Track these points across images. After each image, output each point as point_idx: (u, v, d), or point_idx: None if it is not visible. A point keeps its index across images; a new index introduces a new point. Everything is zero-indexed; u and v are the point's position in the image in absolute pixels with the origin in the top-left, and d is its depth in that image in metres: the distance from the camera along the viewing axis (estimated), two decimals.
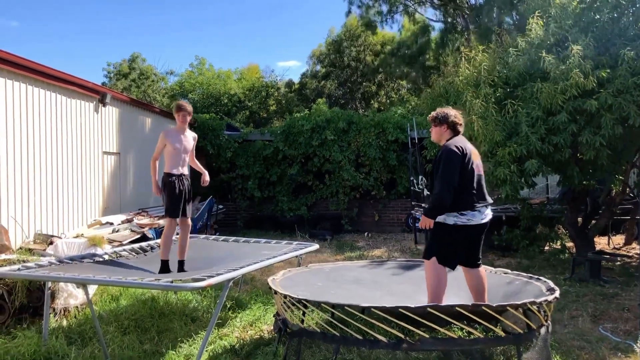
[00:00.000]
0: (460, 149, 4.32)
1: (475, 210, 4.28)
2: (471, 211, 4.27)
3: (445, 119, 4.53)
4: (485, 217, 4.35)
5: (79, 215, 9.61)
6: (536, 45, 7.63)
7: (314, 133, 14.30)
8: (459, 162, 4.26)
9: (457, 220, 4.28)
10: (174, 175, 5.81)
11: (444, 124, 4.54)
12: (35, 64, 8.16)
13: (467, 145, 4.42)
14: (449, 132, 4.54)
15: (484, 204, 4.34)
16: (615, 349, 4.77)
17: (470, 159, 4.32)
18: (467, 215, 4.27)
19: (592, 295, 6.70)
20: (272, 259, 5.73)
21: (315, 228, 13.82)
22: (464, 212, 4.27)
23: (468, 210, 4.27)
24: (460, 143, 4.39)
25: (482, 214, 4.32)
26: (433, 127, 4.64)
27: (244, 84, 23.02)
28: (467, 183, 4.28)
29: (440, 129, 4.58)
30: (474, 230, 4.33)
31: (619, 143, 7.24)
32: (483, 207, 4.33)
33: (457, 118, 4.55)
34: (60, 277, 4.87)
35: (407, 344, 3.76)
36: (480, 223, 4.31)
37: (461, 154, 4.29)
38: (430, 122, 4.68)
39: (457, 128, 4.55)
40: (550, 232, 9.38)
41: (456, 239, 4.34)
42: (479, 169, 4.42)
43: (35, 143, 8.37)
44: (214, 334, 5.21)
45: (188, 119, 5.92)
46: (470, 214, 4.27)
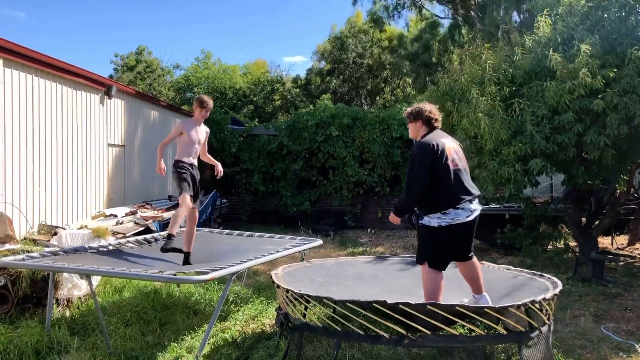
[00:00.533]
0: (433, 145, 4.19)
1: (458, 208, 4.15)
2: (453, 209, 4.14)
3: (419, 114, 4.43)
4: (471, 213, 4.20)
5: (83, 207, 9.65)
6: (543, 44, 7.60)
7: (319, 129, 14.30)
8: (429, 159, 4.14)
9: (441, 221, 4.16)
10: (185, 162, 5.87)
11: (418, 119, 4.44)
12: (42, 56, 8.18)
13: (441, 140, 4.28)
14: (424, 127, 4.43)
15: (466, 200, 4.18)
16: (616, 349, 4.77)
17: (444, 154, 4.18)
18: (449, 214, 4.15)
19: (594, 295, 6.69)
20: (276, 253, 5.75)
21: (319, 223, 13.84)
22: (446, 212, 4.15)
23: (450, 208, 4.14)
24: (435, 139, 4.27)
25: (466, 210, 4.18)
26: (409, 123, 4.55)
27: (249, 79, 23.01)
28: (443, 180, 4.16)
29: (415, 125, 4.48)
30: (460, 228, 4.19)
31: (624, 143, 7.21)
32: (466, 202, 4.18)
33: (431, 113, 4.43)
34: (64, 267, 4.90)
35: (409, 339, 3.77)
36: (466, 221, 4.18)
37: (433, 150, 4.17)
38: (406, 118, 4.59)
39: (433, 123, 4.42)
40: (554, 231, 9.36)
41: (443, 240, 4.22)
42: (457, 164, 4.25)
43: (40, 134, 8.40)
44: (216, 327, 5.23)
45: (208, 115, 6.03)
46: (453, 212, 4.15)
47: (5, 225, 6.86)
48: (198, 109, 5.96)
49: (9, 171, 7.66)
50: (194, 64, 23.56)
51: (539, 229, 9.36)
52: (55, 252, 5.66)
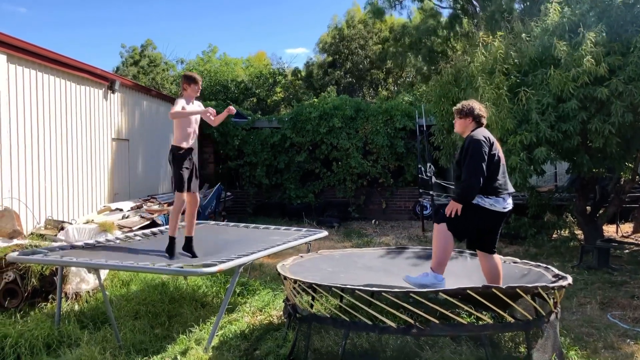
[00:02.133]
0: (487, 138, 4.46)
1: (500, 197, 4.41)
2: (495, 196, 4.39)
3: (471, 111, 4.65)
4: (507, 205, 4.47)
5: (89, 202, 9.69)
6: (550, 31, 7.56)
7: (322, 120, 14.29)
8: (487, 151, 4.39)
9: (480, 202, 4.40)
10: (183, 149, 5.72)
11: (469, 116, 4.66)
12: (46, 51, 8.19)
13: (491, 136, 4.57)
14: (473, 124, 4.66)
15: (507, 192, 4.46)
16: (623, 336, 4.79)
17: (496, 147, 4.48)
18: (490, 199, 4.39)
19: (600, 283, 6.71)
20: (282, 245, 5.77)
21: (323, 215, 13.85)
22: (488, 196, 4.40)
23: (493, 195, 4.39)
24: (486, 133, 4.55)
25: (505, 201, 4.44)
26: (457, 118, 4.76)
27: (251, 71, 22.96)
28: (494, 171, 4.42)
29: (465, 121, 4.69)
30: (493, 215, 4.44)
31: (629, 131, 7.19)
32: (507, 195, 4.46)
33: (481, 111, 4.69)
34: (72, 262, 4.94)
35: (417, 329, 3.80)
36: (500, 210, 4.43)
37: (489, 143, 4.44)
38: (455, 114, 4.79)
39: (482, 120, 4.68)
40: (559, 220, 9.37)
41: (473, 217, 4.43)
42: (503, 159, 4.58)
43: (45, 129, 8.42)
44: (224, 319, 5.25)
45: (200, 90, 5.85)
46: (494, 199, 4.39)
47: (12, 220, 6.90)
48: (189, 86, 5.73)
49: (15, 167, 7.69)
50: (199, 57, 23.53)
51: (543, 218, 9.36)
52: (63, 247, 5.70)
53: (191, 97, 5.78)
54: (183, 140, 5.72)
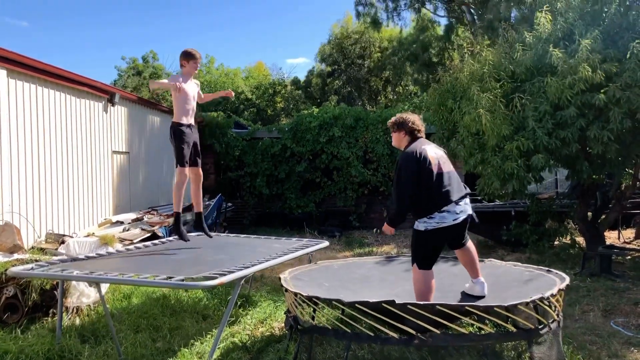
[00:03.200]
0: (415, 153, 4.30)
1: (443, 211, 4.22)
2: (438, 213, 4.22)
3: (403, 124, 4.55)
4: (457, 216, 4.26)
5: (90, 215, 9.69)
6: (544, 39, 7.60)
7: (322, 130, 14.32)
8: (414, 168, 4.25)
9: (427, 225, 4.24)
10: (183, 125, 5.75)
11: (402, 129, 4.56)
12: (45, 65, 8.23)
13: (423, 147, 4.37)
14: (407, 137, 4.55)
15: (451, 202, 4.24)
16: (627, 344, 4.76)
17: (426, 160, 4.27)
18: (435, 218, 4.22)
19: (603, 290, 6.68)
20: (283, 256, 5.75)
21: (324, 225, 13.85)
22: (432, 216, 4.23)
23: (435, 212, 4.22)
24: (417, 147, 4.37)
25: (452, 214, 4.24)
26: (392, 133, 4.67)
27: (251, 82, 23.05)
28: (427, 185, 4.25)
29: (399, 135, 4.59)
30: (447, 231, 4.27)
31: (627, 137, 7.19)
32: (451, 205, 4.24)
33: (414, 124, 4.54)
34: (72, 275, 4.91)
35: (419, 339, 3.77)
36: (452, 224, 4.25)
37: (416, 158, 4.27)
38: (390, 128, 4.70)
39: (415, 134, 4.54)
40: (560, 226, 9.34)
41: (431, 243, 4.32)
42: (441, 168, 4.32)
43: (45, 143, 8.44)
44: (226, 332, 5.23)
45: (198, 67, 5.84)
46: (438, 216, 4.22)
47: (13, 235, 6.90)
48: (188, 62, 5.73)
49: (15, 181, 7.70)
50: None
51: (545, 225, 9.34)
52: (64, 260, 5.68)
53: (190, 74, 5.80)
54: (182, 116, 5.75)
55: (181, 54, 5.83)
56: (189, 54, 5.76)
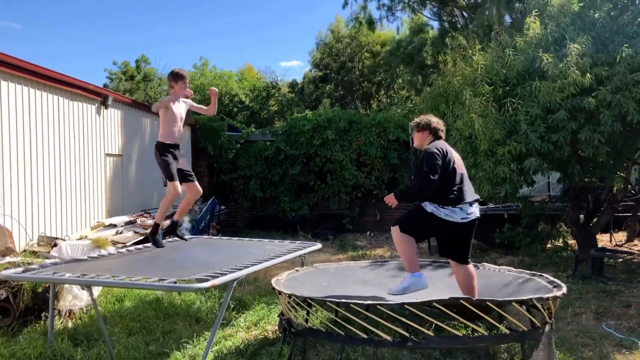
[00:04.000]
0: (441, 149, 4.49)
1: (456, 207, 4.38)
2: (452, 207, 4.38)
3: (428, 125, 4.74)
4: (467, 217, 4.40)
5: (82, 218, 9.64)
6: (534, 44, 7.65)
7: (315, 133, 14.32)
8: (440, 160, 4.40)
9: (435, 211, 4.39)
10: (167, 145, 5.72)
11: (427, 130, 4.74)
12: (37, 67, 8.19)
13: (447, 147, 4.59)
14: (430, 137, 4.73)
15: (466, 202, 4.41)
16: (619, 346, 4.79)
17: (451, 159, 4.48)
18: (446, 210, 4.37)
19: (595, 293, 6.72)
20: (276, 258, 5.75)
21: (318, 228, 13.84)
22: (445, 207, 4.38)
23: (449, 205, 4.38)
24: (442, 146, 4.57)
25: (463, 212, 4.39)
26: (416, 132, 4.82)
27: (244, 85, 23.02)
28: (449, 181, 4.42)
29: (422, 135, 4.76)
30: (450, 226, 4.40)
31: (618, 140, 7.25)
32: (465, 204, 4.40)
33: (439, 125, 4.77)
34: (64, 279, 4.89)
35: (412, 342, 3.79)
36: (457, 221, 4.38)
37: (443, 153, 4.46)
38: (414, 128, 4.86)
39: (439, 134, 4.75)
40: (552, 229, 9.39)
41: (428, 225, 4.46)
42: (462, 169, 4.57)
43: (38, 146, 8.40)
44: (219, 335, 5.23)
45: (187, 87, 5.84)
46: (449, 209, 4.37)
47: (5, 238, 6.86)
48: (176, 83, 5.72)
49: (7, 183, 7.66)
50: (191, 71, 23.56)
51: (537, 228, 9.39)
52: (56, 263, 5.65)
53: (178, 94, 5.78)
54: (167, 137, 5.73)
55: (169, 75, 5.85)
56: (177, 75, 5.77)
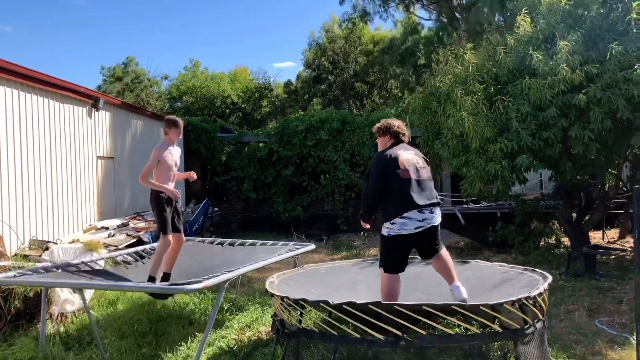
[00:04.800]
0: (386, 155, 4.42)
1: (404, 217, 4.27)
2: (400, 219, 4.28)
3: (388, 129, 4.69)
4: (421, 224, 4.29)
5: (74, 221, 9.58)
6: (525, 42, 7.68)
7: (308, 133, 14.32)
8: (381, 168, 4.37)
9: (390, 231, 4.35)
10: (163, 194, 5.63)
11: (387, 134, 4.70)
12: (28, 70, 8.14)
13: (398, 152, 4.45)
14: (392, 140, 4.67)
15: (414, 209, 4.28)
16: (611, 342, 4.81)
17: (395, 165, 4.34)
18: (396, 224, 4.30)
19: (587, 290, 6.74)
20: (269, 259, 5.74)
21: (311, 228, 13.83)
22: (393, 222, 4.31)
23: (396, 217, 4.29)
24: (391, 151, 4.47)
25: (413, 220, 4.27)
26: (378, 137, 4.79)
27: (237, 86, 23.00)
28: (391, 189, 4.34)
29: (384, 139, 4.72)
30: (408, 240, 4.33)
31: (609, 137, 7.28)
32: (413, 212, 4.27)
33: (399, 128, 4.69)
34: (56, 282, 4.88)
35: (405, 341, 3.78)
36: (413, 233, 4.29)
37: (385, 159, 4.39)
38: (375, 133, 4.83)
39: (400, 137, 4.67)
40: (545, 227, 9.43)
41: (392, 248, 4.41)
42: (409, 175, 4.36)
43: (29, 149, 8.34)
44: (212, 336, 5.21)
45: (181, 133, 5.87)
46: (399, 222, 4.29)
47: None
48: (171, 130, 5.72)
49: None
50: (182, 73, 23.52)
51: (530, 226, 9.43)
52: (47, 268, 5.62)
53: (172, 141, 5.80)
54: (163, 183, 5.65)
55: (164, 121, 5.87)
56: (172, 122, 5.78)
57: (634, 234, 8.59)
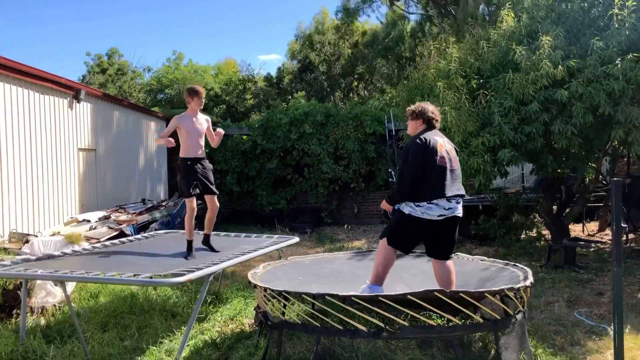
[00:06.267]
0: (425, 140, 4.35)
1: (432, 203, 4.25)
2: (427, 204, 4.26)
3: (422, 113, 4.59)
4: (445, 213, 4.29)
5: (55, 213, 9.48)
6: (508, 36, 7.74)
7: (292, 127, 14.28)
8: (421, 153, 4.30)
9: (412, 211, 4.30)
10: (190, 159, 5.80)
11: (420, 118, 4.60)
12: (8, 61, 8.02)
13: (435, 138, 4.42)
14: (424, 126, 4.59)
15: (443, 197, 4.27)
16: (589, 333, 4.89)
17: (434, 151, 4.32)
18: (422, 207, 4.26)
19: (567, 281, 6.85)
20: (253, 252, 5.74)
21: (295, 221, 13.82)
22: (419, 204, 4.27)
23: (424, 202, 4.26)
24: (429, 135, 4.42)
25: (440, 207, 4.26)
26: (410, 120, 4.69)
27: (220, 78, 22.85)
28: (426, 175, 4.29)
29: (416, 123, 4.63)
30: (428, 224, 4.30)
31: (590, 131, 7.38)
32: (442, 200, 4.27)
33: (434, 114, 4.61)
34: (36, 274, 4.81)
35: (387, 332, 3.81)
36: (434, 219, 4.27)
37: (424, 145, 4.33)
38: (408, 116, 4.73)
39: (433, 123, 4.59)
40: (526, 220, 9.53)
41: (408, 227, 4.37)
42: (445, 162, 4.36)
43: (8, 141, 8.23)
44: (195, 329, 5.20)
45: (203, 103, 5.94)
46: (426, 206, 4.26)
47: None
48: (191, 99, 5.81)
49: None
50: (166, 65, 23.30)
51: (512, 219, 9.52)
52: (27, 260, 5.55)
53: (195, 110, 5.88)
54: (189, 152, 5.83)
55: (186, 90, 5.97)
56: (193, 91, 5.86)
57: (611, 226, 8.77)
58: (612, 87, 6.64)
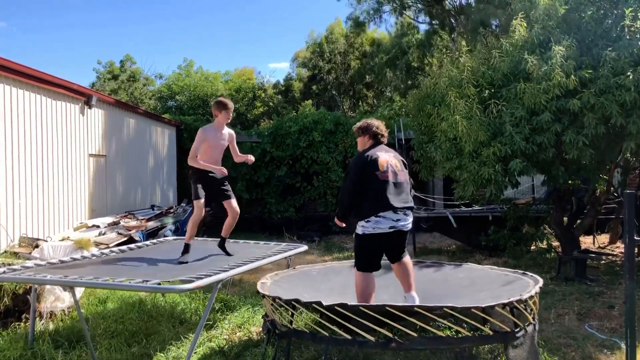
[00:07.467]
0: (365, 156, 4.46)
1: (379, 216, 4.34)
2: (375, 217, 4.34)
3: (367, 129, 4.71)
4: (395, 225, 4.38)
5: (65, 218, 9.53)
6: (520, 46, 7.72)
7: (302, 134, 14.31)
8: (360, 169, 4.40)
9: (364, 230, 4.40)
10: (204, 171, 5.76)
11: (366, 134, 4.71)
12: (20, 66, 8.09)
13: (377, 153, 4.50)
14: (371, 141, 4.69)
15: (390, 210, 4.34)
16: (600, 346, 4.83)
17: (375, 166, 4.40)
18: (371, 222, 4.36)
19: (578, 294, 6.78)
20: (261, 260, 5.72)
21: (304, 229, 13.81)
22: (368, 220, 4.37)
23: (372, 216, 4.35)
24: (372, 152, 4.51)
25: (388, 220, 4.35)
26: (357, 137, 4.82)
27: (230, 86, 22.94)
28: (369, 189, 4.38)
29: (363, 139, 4.74)
30: (381, 238, 4.40)
31: (602, 142, 7.32)
32: (388, 212, 4.34)
33: (378, 129, 4.70)
34: (46, 279, 4.82)
35: (396, 343, 3.78)
36: (387, 232, 4.36)
37: (363, 161, 4.44)
38: (355, 133, 4.85)
39: (379, 138, 4.69)
40: (537, 231, 9.47)
41: (365, 247, 4.47)
42: (387, 176, 4.42)
43: (20, 146, 8.29)
44: (203, 336, 5.19)
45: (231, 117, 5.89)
46: (374, 220, 4.35)
47: None
48: (219, 112, 5.75)
49: None
50: (176, 72, 23.43)
51: (522, 230, 9.46)
52: (37, 264, 5.57)
53: (221, 124, 5.84)
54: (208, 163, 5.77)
55: (214, 103, 5.90)
56: (222, 104, 5.80)
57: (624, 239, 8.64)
58: (624, 98, 6.59)
